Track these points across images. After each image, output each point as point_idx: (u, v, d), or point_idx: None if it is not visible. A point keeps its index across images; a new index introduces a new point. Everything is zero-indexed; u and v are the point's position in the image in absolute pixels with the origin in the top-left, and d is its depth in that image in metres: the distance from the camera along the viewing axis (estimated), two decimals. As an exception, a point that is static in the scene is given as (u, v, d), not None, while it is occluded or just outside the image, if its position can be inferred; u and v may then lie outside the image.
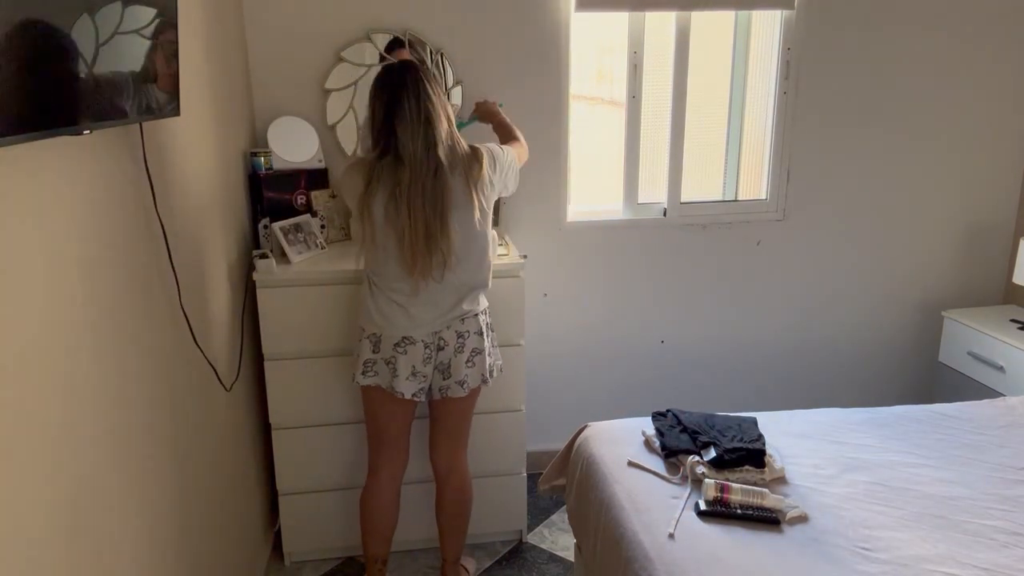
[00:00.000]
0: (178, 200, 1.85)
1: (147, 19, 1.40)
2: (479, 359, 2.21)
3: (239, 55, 2.56)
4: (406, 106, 2.02)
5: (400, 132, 2.03)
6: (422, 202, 2.04)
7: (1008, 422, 2.32)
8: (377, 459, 2.33)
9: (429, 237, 2.06)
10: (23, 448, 1.11)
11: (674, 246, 3.11)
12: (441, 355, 2.18)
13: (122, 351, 1.47)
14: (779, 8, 2.93)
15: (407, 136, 2.03)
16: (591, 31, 2.94)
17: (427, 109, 2.03)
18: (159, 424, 1.66)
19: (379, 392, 2.21)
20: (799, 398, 3.33)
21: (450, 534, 2.42)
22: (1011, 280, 3.30)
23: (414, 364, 2.16)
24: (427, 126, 2.03)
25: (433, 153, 2.04)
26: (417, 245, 2.05)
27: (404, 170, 2.04)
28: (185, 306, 1.82)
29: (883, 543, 1.77)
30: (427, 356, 2.17)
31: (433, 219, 2.05)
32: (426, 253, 2.06)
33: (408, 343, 2.14)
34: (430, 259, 2.07)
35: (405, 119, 2.02)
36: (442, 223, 2.06)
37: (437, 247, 2.07)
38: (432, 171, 2.05)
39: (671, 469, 2.05)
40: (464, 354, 2.19)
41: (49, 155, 1.22)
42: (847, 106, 3.07)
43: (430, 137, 2.04)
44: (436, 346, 2.17)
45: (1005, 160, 3.24)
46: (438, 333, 2.16)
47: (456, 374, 2.20)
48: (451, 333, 2.17)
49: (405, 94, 2.02)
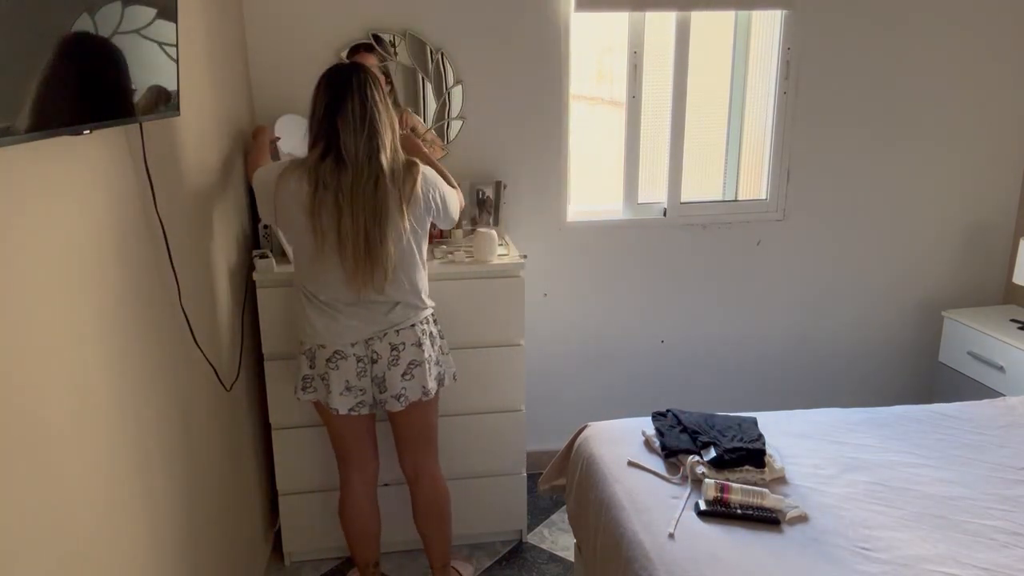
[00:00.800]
0: (178, 200, 1.85)
1: (147, 19, 1.40)
2: (418, 371, 2.12)
3: (239, 55, 2.56)
4: (348, 107, 1.96)
5: (343, 133, 1.96)
6: (362, 208, 1.97)
7: (1008, 422, 2.32)
8: (346, 469, 2.29)
9: (370, 246, 1.99)
10: (23, 448, 1.11)
11: (674, 246, 3.11)
12: (375, 368, 2.11)
13: (122, 351, 1.47)
14: (779, 8, 2.93)
15: (350, 138, 1.96)
16: (591, 31, 2.95)
17: (372, 113, 1.97)
18: (159, 424, 1.66)
19: (322, 406, 2.17)
20: (799, 398, 3.33)
21: (430, 538, 2.38)
22: (1011, 280, 3.30)
23: (347, 379, 2.09)
24: (371, 130, 1.97)
25: (376, 159, 1.98)
26: (359, 254, 1.98)
27: (347, 174, 1.97)
28: (185, 306, 1.82)
29: (883, 543, 1.77)
30: (360, 370, 2.10)
31: (373, 227, 1.98)
32: (367, 262, 1.99)
33: (339, 357, 2.08)
34: (371, 269, 2.00)
35: (347, 120, 1.96)
36: (381, 232, 1.99)
37: (378, 257, 2.00)
38: (373, 178, 1.98)
39: (671, 469, 2.05)
40: (399, 367, 2.10)
41: (49, 155, 1.22)
42: (847, 106, 3.07)
43: (374, 142, 1.97)
44: (370, 359, 2.10)
45: (1005, 160, 3.24)
46: (370, 344, 2.09)
47: (391, 388, 2.11)
48: (384, 345, 2.09)
49: (349, 95, 1.96)
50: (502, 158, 2.90)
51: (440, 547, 2.39)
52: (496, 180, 2.84)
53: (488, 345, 2.54)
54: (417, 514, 2.37)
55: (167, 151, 1.77)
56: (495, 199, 2.82)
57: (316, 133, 2.02)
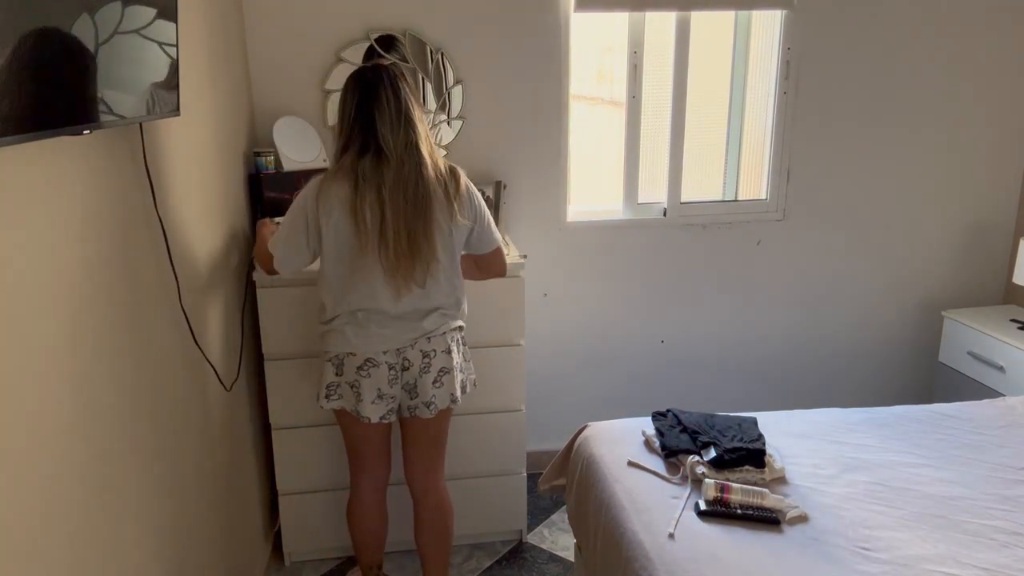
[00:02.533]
0: (178, 200, 1.84)
1: (147, 19, 1.40)
2: (447, 379, 2.10)
3: (239, 55, 2.56)
4: (383, 98, 1.91)
5: (380, 124, 1.91)
6: (404, 202, 1.93)
7: (1008, 422, 2.32)
8: (358, 473, 2.27)
9: (412, 239, 1.94)
10: (22, 448, 1.11)
11: (674, 246, 3.11)
12: (407, 375, 2.07)
13: (122, 351, 1.47)
14: (779, 8, 2.93)
15: (387, 129, 1.91)
16: (591, 31, 2.95)
17: (406, 108, 1.93)
18: (159, 424, 1.66)
19: (346, 414, 2.13)
20: (799, 398, 3.33)
21: (430, 559, 2.33)
22: (1011, 280, 3.30)
23: (379, 387, 2.05)
24: (407, 124, 1.93)
25: (416, 149, 1.94)
26: (400, 247, 1.94)
27: (387, 167, 1.92)
28: (185, 306, 1.82)
29: (883, 543, 1.77)
30: (392, 377, 2.06)
31: (416, 220, 1.94)
32: (409, 256, 1.95)
33: (371, 365, 2.03)
34: (413, 263, 1.96)
35: (384, 110, 1.91)
36: (425, 226, 1.95)
37: (420, 251, 1.95)
38: (416, 168, 1.93)
39: (671, 469, 2.05)
40: (431, 374, 2.07)
41: (49, 155, 1.22)
42: (847, 106, 3.07)
43: (410, 136, 1.93)
44: (401, 366, 2.06)
45: (1005, 160, 3.24)
46: (402, 352, 2.05)
47: (423, 395, 2.09)
48: (415, 352, 2.05)
49: (383, 88, 1.92)
50: (502, 158, 2.90)
51: (440, 568, 2.34)
52: (496, 180, 2.84)
53: (488, 345, 2.54)
54: (420, 532, 2.32)
55: (167, 151, 1.77)
56: (495, 199, 2.82)
57: (349, 133, 1.97)
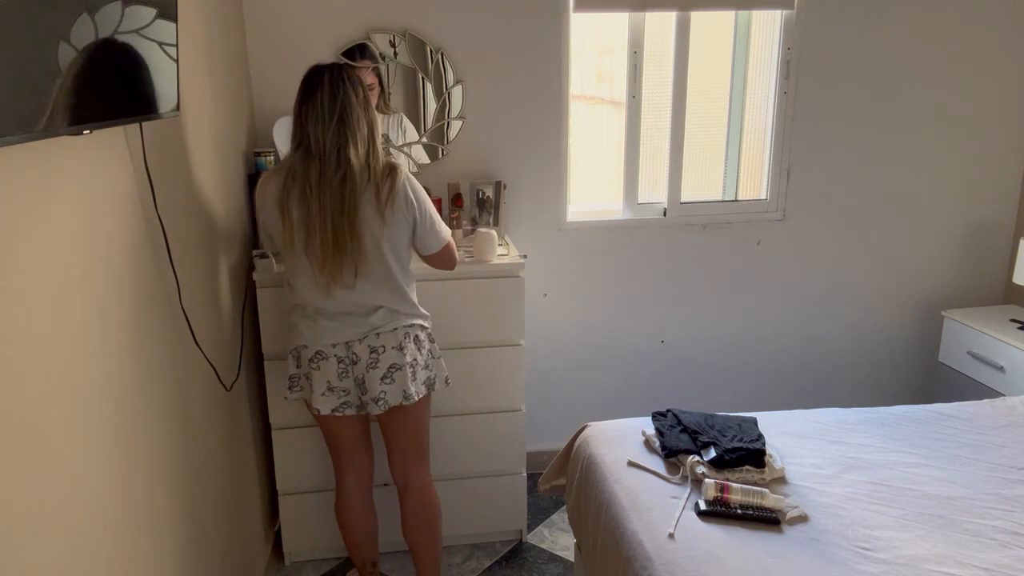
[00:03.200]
0: (178, 200, 1.84)
1: (147, 19, 1.40)
2: (399, 375, 2.07)
3: (239, 55, 2.56)
4: (318, 99, 1.96)
5: (310, 125, 1.97)
6: (331, 199, 1.97)
7: (1008, 422, 2.32)
8: (340, 469, 2.28)
9: (337, 238, 1.97)
10: (22, 448, 1.11)
11: (674, 246, 3.11)
12: (355, 369, 2.09)
13: (122, 351, 1.47)
14: (779, 8, 2.93)
15: (316, 129, 1.96)
16: (591, 31, 2.95)
17: (343, 108, 1.96)
18: (159, 424, 1.66)
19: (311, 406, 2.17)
20: (799, 398, 3.33)
21: (419, 551, 2.32)
22: (1011, 280, 3.30)
23: (328, 379, 2.08)
24: (340, 124, 1.96)
25: (344, 153, 1.97)
26: (326, 246, 1.98)
27: (314, 165, 1.97)
28: (185, 306, 1.82)
29: (883, 543, 1.77)
30: (342, 371, 2.08)
31: (340, 221, 1.97)
32: (334, 255, 1.98)
33: (320, 358, 2.07)
34: (340, 263, 1.99)
35: (316, 112, 1.96)
36: (350, 227, 1.98)
37: (346, 251, 1.98)
38: (341, 171, 1.97)
39: (671, 469, 2.05)
40: (378, 370, 2.07)
41: (49, 155, 1.22)
42: (847, 106, 3.07)
43: (341, 136, 1.96)
44: (350, 360, 2.08)
45: (1005, 160, 3.24)
46: (351, 346, 2.07)
47: (371, 391, 2.08)
48: (363, 347, 2.06)
49: (319, 90, 1.97)
50: (502, 158, 2.90)
51: (430, 561, 2.33)
52: (496, 180, 2.84)
53: (488, 345, 2.54)
54: (406, 525, 2.31)
55: (167, 151, 1.77)
56: (495, 199, 2.82)
57: (294, 131, 2.03)
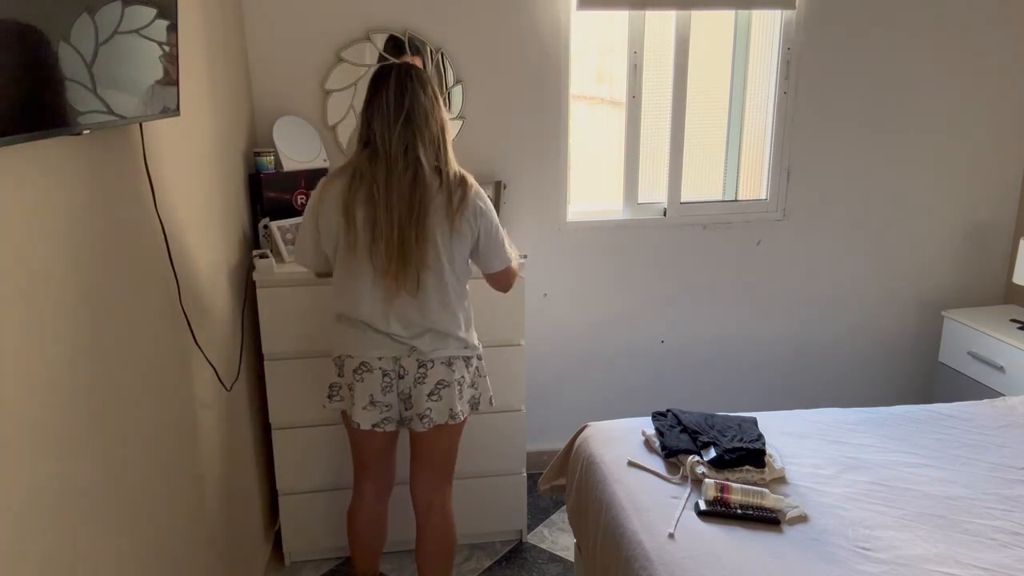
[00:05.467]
0: (178, 200, 1.84)
1: (147, 19, 1.40)
2: (446, 392, 2.01)
3: (239, 55, 2.56)
4: (384, 97, 1.91)
5: (376, 123, 1.91)
6: (398, 202, 1.89)
7: (1008, 422, 2.32)
8: (361, 478, 2.21)
9: (403, 243, 1.90)
10: (21, 448, 1.11)
11: (674, 246, 3.11)
12: (402, 384, 2.01)
13: (122, 351, 1.47)
14: (779, 8, 2.93)
15: (383, 127, 1.90)
16: (591, 31, 2.95)
17: (410, 105, 1.90)
18: (159, 424, 1.66)
19: (347, 416, 2.08)
20: (799, 398, 3.33)
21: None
22: (1011, 280, 3.30)
23: (372, 393, 1.99)
24: (407, 123, 1.90)
25: (412, 153, 1.90)
26: (391, 250, 1.90)
27: (381, 165, 1.90)
28: (185, 306, 1.82)
29: (883, 543, 1.77)
30: (386, 385, 1.99)
31: (408, 224, 1.89)
32: (400, 260, 1.90)
33: (365, 370, 1.98)
34: (405, 267, 1.91)
35: (382, 110, 1.90)
36: (419, 232, 1.90)
37: (411, 257, 1.91)
38: (410, 173, 1.90)
39: (671, 469, 2.05)
40: (425, 385, 1.99)
41: (49, 155, 1.22)
42: (847, 106, 3.07)
43: (408, 134, 1.90)
44: (396, 374, 2.00)
45: (1005, 160, 3.24)
46: (398, 360, 1.99)
47: (417, 407, 2.01)
48: (411, 361, 1.99)
49: (386, 87, 1.91)
50: (502, 158, 2.90)
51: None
52: (496, 180, 2.84)
53: (488, 345, 2.53)
54: (421, 551, 2.23)
55: (167, 151, 1.77)
56: (495, 199, 2.82)
57: (360, 131, 1.97)
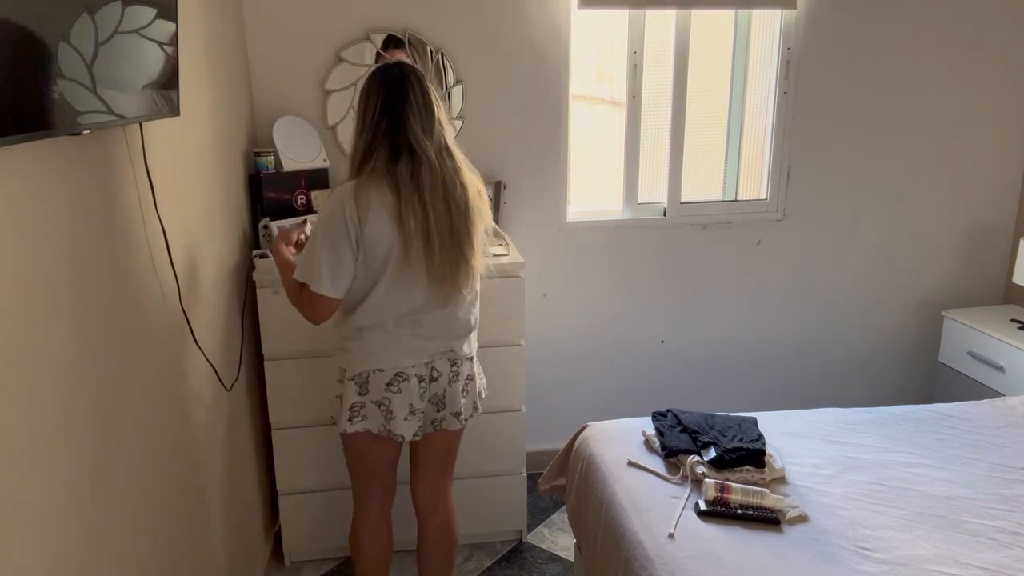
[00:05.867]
0: (178, 200, 1.84)
1: (147, 19, 1.40)
2: (471, 386, 2.02)
3: (239, 55, 2.56)
4: (412, 98, 1.80)
5: (412, 126, 1.80)
6: (445, 206, 1.81)
7: (1008, 422, 2.32)
8: (367, 498, 2.11)
9: (456, 244, 1.83)
10: (21, 449, 1.11)
11: (674, 246, 3.11)
12: (435, 386, 1.96)
13: (122, 351, 1.47)
14: (779, 8, 2.93)
15: (419, 130, 1.80)
16: (591, 31, 2.95)
17: (432, 107, 1.83)
18: (159, 424, 1.66)
19: (370, 436, 1.96)
20: (799, 398, 3.33)
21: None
22: (1011, 280, 3.30)
23: (411, 402, 1.92)
24: (439, 125, 1.84)
25: (448, 153, 1.84)
26: (445, 248, 1.82)
27: (424, 168, 1.80)
28: (185, 306, 1.82)
29: (883, 543, 1.77)
30: (423, 391, 1.94)
31: (461, 224, 1.83)
32: (454, 262, 1.84)
33: (401, 379, 1.90)
34: (458, 269, 1.85)
35: (415, 112, 1.80)
36: (469, 230, 1.85)
37: (464, 257, 1.84)
38: (454, 172, 1.83)
39: (671, 469, 2.05)
40: (459, 383, 1.98)
41: (49, 155, 1.22)
42: (847, 106, 3.07)
43: (440, 138, 1.84)
44: (429, 377, 1.95)
45: (1005, 160, 3.24)
46: (430, 364, 1.94)
47: (452, 405, 1.98)
48: (444, 362, 1.95)
49: (411, 87, 1.81)
50: (502, 158, 2.90)
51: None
52: (496, 180, 2.84)
53: (488, 345, 2.53)
54: (424, 551, 2.20)
55: (167, 151, 1.77)
56: (495, 199, 2.82)
57: (373, 133, 1.83)
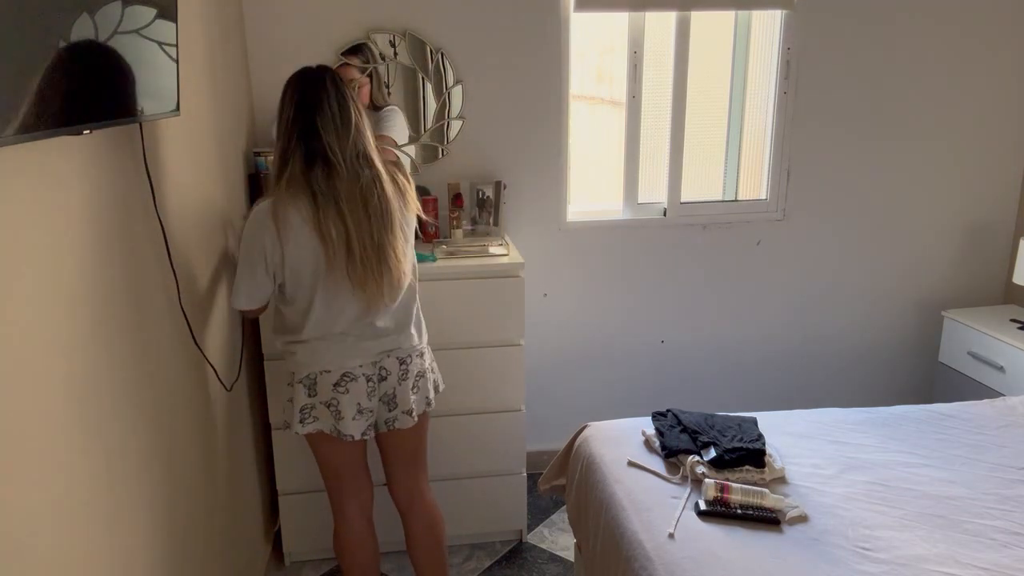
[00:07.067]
0: (178, 200, 1.84)
1: (147, 19, 1.40)
2: (422, 382, 2.03)
3: (239, 55, 2.56)
4: (325, 103, 1.81)
5: (325, 133, 1.81)
6: (365, 215, 1.83)
7: (1008, 422, 2.32)
8: (342, 498, 2.11)
9: (380, 253, 1.85)
10: (21, 448, 1.11)
11: (674, 246, 3.11)
12: (384, 385, 1.98)
13: (122, 351, 1.47)
14: (779, 8, 2.93)
15: (333, 137, 1.81)
16: (591, 31, 2.95)
17: (349, 114, 1.84)
18: (159, 424, 1.66)
19: (324, 436, 1.99)
20: (799, 398, 3.33)
21: (428, 570, 2.21)
22: (1011, 280, 3.30)
23: (359, 401, 1.94)
24: (356, 132, 1.85)
25: (366, 158, 1.86)
26: (367, 261, 1.84)
27: (340, 178, 1.82)
28: (185, 306, 1.82)
29: (883, 543, 1.77)
30: (371, 390, 1.96)
31: (382, 234, 1.85)
32: (378, 272, 1.86)
33: (349, 380, 1.92)
34: (381, 279, 1.87)
35: (328, 119, 1.81)
36: (391, 239, 1.87)
37: (388, 266, 1.87)
38: (367, 179, 1.84)
39: (671, 469, 2.05)
40: (408, 380, 1.99)
41: (49, 155, 1.22)
42: (847, 106, 3.07)
43: (360, 142, 1.85)
44: (378, 376, 1.96)
45: (1005, 160, 3.24)
46: (378, 363, 1.96)
47: (403, 404, 1.99)
48: (392, 361, 1.97)
49: (324, 91, 1.82)
50: (502, 158, 2.90)
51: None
52: (496, 180, 2.84)
53: (488, 345, 2.54)
54: (413, 545, 2.21)
55: (167, 151, 1.77)
56: (495, 199, 2.82)
57: (288, 140, 1.84)
